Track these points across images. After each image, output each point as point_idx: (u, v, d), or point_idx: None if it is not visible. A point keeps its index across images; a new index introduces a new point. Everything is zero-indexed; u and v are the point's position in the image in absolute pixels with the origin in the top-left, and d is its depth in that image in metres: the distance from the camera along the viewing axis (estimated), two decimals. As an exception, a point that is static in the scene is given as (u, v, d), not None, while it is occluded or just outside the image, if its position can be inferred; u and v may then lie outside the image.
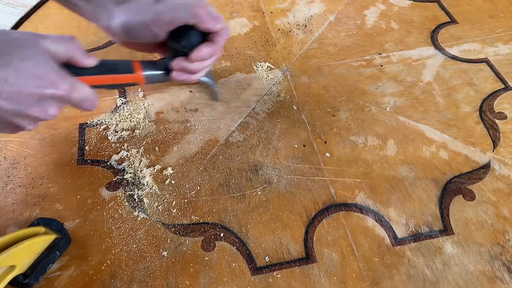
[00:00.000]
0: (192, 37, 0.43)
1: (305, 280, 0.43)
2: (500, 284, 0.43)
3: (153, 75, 0.45)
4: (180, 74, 0.46)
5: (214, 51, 0.44)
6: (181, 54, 0.44)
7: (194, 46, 0.43)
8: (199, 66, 0.45)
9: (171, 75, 0.46)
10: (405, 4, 0.74)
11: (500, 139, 0.54)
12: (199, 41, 0.44)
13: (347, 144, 0.54)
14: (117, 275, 0.44)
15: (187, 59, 0.44)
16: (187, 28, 0.42)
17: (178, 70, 0.45)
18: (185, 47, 0.43)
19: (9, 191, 0.50)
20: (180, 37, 0.42)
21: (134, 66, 0.44)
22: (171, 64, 0.45)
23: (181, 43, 0.43)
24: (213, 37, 0.44)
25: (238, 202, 0.49)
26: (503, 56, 0.64)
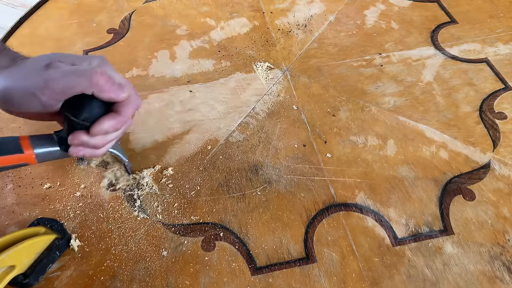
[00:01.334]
0: (92, 109, 0.36)
1: (305, 280, 0.43)
2: (500, 284, 0.43)
3: (47, 153, 0.39)
4: (79, 149, 0.38)
5: (120, 123, 0.38)
6: (80, 127, 0.37)
7: (95, 119, 0.37)
8: (102, 140, 0.38)
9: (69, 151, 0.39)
10: (405, 4, 0.74)
11: (500, 139, 0.54)
12: (101, 112, 0.37)
13: (347, 144, 0.54)
14: (117, 275, 0.44)
15: (87, 133, 0.37)
16: (86, 97, 0.35)
17: (77, 145, 0.38)
18: (85, 120, 0.36)
19: (9, 191, 0.50)
20: (78, 108, 0.36)
21: (22, 144, 0.37)
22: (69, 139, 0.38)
23: (79, 116, 0.36)
24: (118, 107, 0.37)
25: (238, 202, 0.49)
26: (503, 56, 0.64)
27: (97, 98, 0.36)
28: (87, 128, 0.37)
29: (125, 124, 0.39)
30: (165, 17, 0.73)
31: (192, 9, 0.75)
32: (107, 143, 0.40)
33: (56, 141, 0.39)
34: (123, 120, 0.38)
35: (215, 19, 0.72)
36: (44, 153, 0.39)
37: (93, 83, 0.34)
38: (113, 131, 0.38)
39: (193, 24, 0.72)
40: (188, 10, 0.74)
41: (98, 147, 0.39)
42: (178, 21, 0.72)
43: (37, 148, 0.38)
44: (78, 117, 0.36)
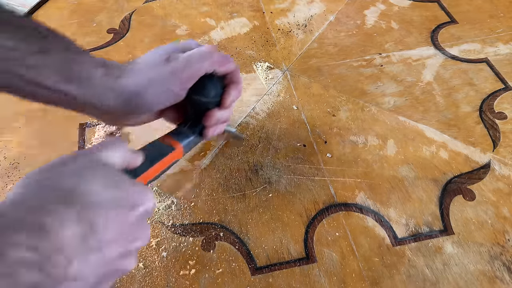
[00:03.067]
0: (217, 85, 0.39)
1: (305, 280, 0.43)
2: (500, 284, 0.43)
3: (189, 143, 0.40)
4: (214, 128, 0.40)
5: (240, 89, 0.41)
6: (211, 106, 0.39)
7: (220, 94, 0.39)
8: (230, 111, 0.41)
9: (202, 135, 0.40)
10: (405, 4, 0.74)
11: (500, 139, 0.54)
12: (222, 86, 0.40)
13: (347, 144, 0.54)
14: (117, 275, 0.44)
15: (220, 108, 0.39)
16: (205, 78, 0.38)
17: (212, 125, 0.40)
18: (215, 96, 0.39)
19: (9, 191, 0.50)
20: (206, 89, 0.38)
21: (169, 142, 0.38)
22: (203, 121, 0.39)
23: (209, 95, 0.38)
24: (233, 77, 0.40)
25: (238, 202, 0.49)
26: (503, 56, 0.64)
27: (214, 76, 0.38)
28: (217, 105, 0.40)
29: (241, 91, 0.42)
30: (165, 17, 0.73)
31: (192, 9, 0.75)
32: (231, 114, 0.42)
33: (189, 131, 0.40)
34: (240, 87, 0.41)
35: (215, 19, 0.72)
36: (187, 144, 0.40)
37: (214, 61, 0.37)
38: (237, 99, 0.41)
39: (193, 24, 0.72)
40: (188, 10, 0.74)
41: (227, 120, 0.42)
42: (178, 21, 0.72)
43: (181, 141, 0.39)
44: (209, 96, 0.38)
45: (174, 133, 0.40)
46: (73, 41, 0.35)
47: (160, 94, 0.36)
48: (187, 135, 0.40)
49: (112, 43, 0.68)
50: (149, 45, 0.68)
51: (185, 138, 0.40)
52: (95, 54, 0.67)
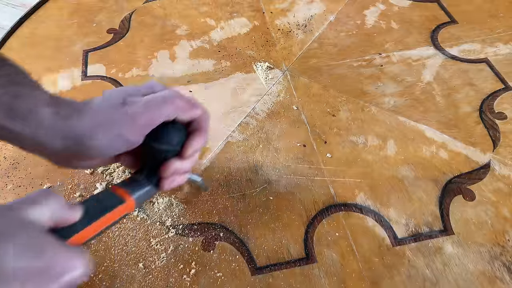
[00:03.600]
0: (180, 132, 0.36)
1: (305, 280, 0.43)
2: (500, 284, 0.43)
3: (142, 195, 0.36)
4: (171, 180, 0.37)
5: (205, 138, 0.37)
6: (170, 156, 0.36)
7: (182, 142, 0.36)
8: (191, 162, 0.37)
9: (159, 186, 0.37)
10: (405, 4, 0.74)
11: (500, 139, 0.54)
12: (185, 134, 0.37)
13: (347, 144, 0.54)
14: (117, 275, 0.44)
15: (179, 158, 0.36)
16: (167, 124, 0.35)
17: (170, 176, 0.36)
18: (177, 144, 0.36)
19: (9, 191, 0.50)
20: (169, 136, 0.35)
21: (120, 193, 0.35)
22: (160, 172, 0.36)
23: (171, 143, 0.35)
24: (199, 124, 0.37)
25: (238, 202, 0.49)
26: (503, 56, 0.64)
27: (176, 123, 0.35)
28: (177, 154, 0.36)
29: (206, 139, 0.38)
30: (165, 17, 0.73)
31: (192, 9, 0.75)
32: (193, 164, 0.39)
33: (144, 182, 0.36)
34: (206, 135, 0.37)
35: (215, 19, 0.72)
36: (140, 195, 0.36)
37: (177, 107, 0.34)
38: (200, 148, 0.37)
39: (193, 24, 0.72)
40: (188, 10, 0.74)
41: (187, 171, 0.38)
42: (178, 21, 0.72)
43: (134, 192, 0.35)
44: (168, 144, 0.35)
45: (127, 183, 0.36)
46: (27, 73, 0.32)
47: (111, 139, 0.32)
48: (141, 186, 0.36)
49: (112, 43, 0.68)
50: (149, 45, 0.68)
51: (139, 190, 0.36)
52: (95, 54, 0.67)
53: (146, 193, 0.36)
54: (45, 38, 0.70)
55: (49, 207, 0.28)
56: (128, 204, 0.35)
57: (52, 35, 0.70)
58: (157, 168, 0.36)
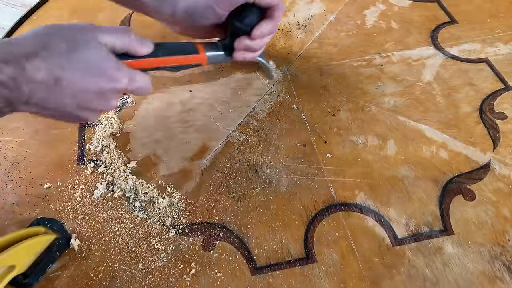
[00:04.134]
0: (254, 15, 0.44)
1: (305, 280, 0.43)
2: (500, 284, 0.43)
3: (215, 56, 0.47)
4: (242, 53, 0.47)
5: (274, 26, 0.45)
6: (242, 33, 0.45)
7: (255, 24, 0.44)
8: (260, 43, 0.46)
9: (232, 56, 0.47)
10: (405, 4, 0.74)
11: (500, 139, 0.54)
12: (259, 18, 0.44)
13: (347, 144, 0.54)
14: (117, 275, 0.44)
15: (249, 37, 0.45)
16: (246, 7, 0.43)
17: (240, 49, 0.46)
18: (248, 25, 0.44)
19: (9, 191, 0.50)
20: (242, 15, 0.44)
21: (198, 48, 0.46)
22: (234, 44, 0.46)
23: (243, 22, 0.44)
24: (271, 13, 0.44)
25: (238, 202, 0.49)
26: (503, 56, 0.64)
27: (255, 7, 0.43)
28: (249, 33, 0.44)
29: (276, 28, 0.46)
30: (165, 17, 0.73)
31: (192, 9, 0.74)
32: (263, 46, 0.47)
33: (221, 48, 0.46)
34: (275, 24, 0.45)
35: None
36: (214, 56, 0.46)
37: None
38: (269, 33, 0.45)
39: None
40: (188, 10, 0.74)
41: (256, 50, 0.46)
42: (178, 21, 0.72)
43: (208, 51, 0.46)
44: (243, 22, 0.43)
45: (208, 44, 0.46)
46: None
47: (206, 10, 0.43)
48: (217, 49, 0.46)
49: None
50: (149, 45, 0.68)
51: (214, 51, 0.46)
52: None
53: (219, 56, 0.47)
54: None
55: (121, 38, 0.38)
56: (200, 56, 0.45)
57: (52, 35, 0.70)
58: (233, 41, 0.46)
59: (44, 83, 0.33)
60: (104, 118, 0.57)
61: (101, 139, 0.55)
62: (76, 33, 0.36)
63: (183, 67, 0.46)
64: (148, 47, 0.41)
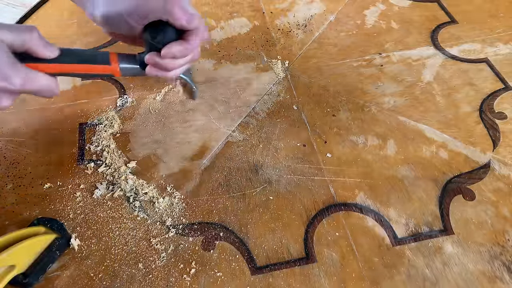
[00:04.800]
0: (166, 33, 0.42)
1: (305, 280, 0.43)
2: (500, 284, 0.43)
3: (129, 68, 0.45)
4: (153, 69, 0.45)
5: (187, 50, 0.44)
6: (156, 49, 0.43)
7: (167, 43, 0.43)
8: (171, 63, 0.44)
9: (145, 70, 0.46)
10: (405, 4, 0.74)
11: (500, 139, 0.54)
12: (173, 38, 0.43)
13: (347, 144, 0.54)
14: (117, 275, 0.44)
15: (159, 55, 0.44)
16: (163, 24, 0.42)
17: (151, 65, 0.45)
18: (159, 42, 0.43)
19: (9, 191, 0.50)
20: (155, 31, 0.42)
21: (111, 58, 0.44)
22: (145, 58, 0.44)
23: (154, 38, 0.42)
24: (187, 36, 0.43)
25: (238, 202, 0.49)
26: (503, 56, 0.64)
27: (172, 26, 0.42)
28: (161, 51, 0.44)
29: (191, 53, 0.45)
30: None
31: (192, 9, 0.75)
32: (176, 67, 0.46)
33: (138, 61, 0.45)
34: (189, 48, 0.44)
35: (215, 19, 0.72)
36: (127, 68, 0.45)
37: (167, 10, 0.40)
38: (180, 56, 0.44)
39: (193, 24, 0.72)
40: (188, 10, 0.74)
41: (168, 69, 0.45)
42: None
43: (122, 63, 0.45)
44: (153, 39, 0.42)
45: (123, 56, 0.45)
46: None
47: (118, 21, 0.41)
48: (132, 62, 0.45)
49: (112, 43, 0.68)
50: (149, 45, 0.68)
51: (128, 63, 0.45)
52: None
53: (132, 69, 0.45)
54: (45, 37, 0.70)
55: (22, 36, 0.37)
56: (111, 68, 0.44)
57: (52, 35, 0.70)
58: None
59: None
60: (104, 118, 0.57)
61: (101, 139, 0.55)
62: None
63: (93, 76, 0.45)
64: (52, 51, 0.40)
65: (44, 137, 0.56)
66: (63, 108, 0.59)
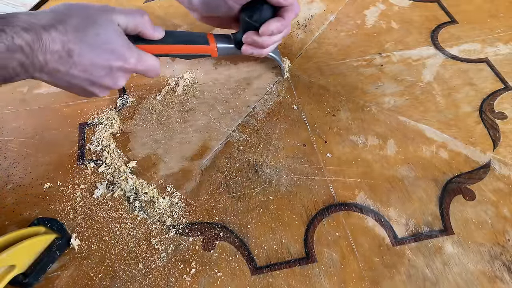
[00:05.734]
0: (263, 11, 0.44)
1: (305, 280, 0.43)
2: (500, 284, 0.43)
3: (225, 48, 0.48)
4: (250, 48, 0.47)
5: (283, 26, 0.45)
6: (252, 28, 0.45)
7: (264, 20, 0.44)
8: (268, 40, 0.46)
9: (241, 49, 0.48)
10: (405, 4, 0.74)
11: (500, 139, 0.54)
12: (270, 15, 0.45)
13: (347, 144, 0.54)
14: (117, 275, 0.44)
15: (257, 33, 0.45)
16: (259, 2, 0.43)
17: (248, 44, 0.47)
18: (256, 21, 0.44)
19: (9, 191, 0.50)
20: (252, 10, 0.44)
21: (209, 39, 0.47)
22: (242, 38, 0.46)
23: (252, 17, 0.44)
24: (283, 12, 0.45)
25: (238, 202, 0.49)
26: (503, 56, 0.64)
27: (268, 4, 0.43)
28: (258, 29, 0.45)
29: (286, 28, 0.46)
30: (165, 17, 0.73)
31: (192, 9, 0.75)
32: (272, 44, 0.47)
33: (233, 41, 0.48)
34: (285, 24, 0.45)
35: (215, 19, 0.72)
36: (224, 48, 0.48)
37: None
38: (277, 32, 0.46)
39: (194, 24, 0.72)
40: (188, 10, 0.74)
41: (264, 47, 0.47)
42: (178, 21, 0.72)
43: (219, 43, 0.47)
44: (251, 18, 0.44)
45: (220, 35, 0.48)
46: None
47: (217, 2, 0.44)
48: (228, 42, 0.48)
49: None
50: (149, 45, 0.68)
51: (224, 43, 0.48)
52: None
53: (229, 48, 0.48)
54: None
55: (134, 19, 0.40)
56: (210, 47, 0.47)
57: (52, 35, 0.70)
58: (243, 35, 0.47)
59: (57, 53, 0.36)
60: (104, 118, 0.57)
61: (101, 139, 0.55)
62: (91, 11, 0.39)
63: (193, 56, 0.48)
64: (160, 33, 0.44)
65: (44, 137, 0.56)
66: (63, 108, 0.59)
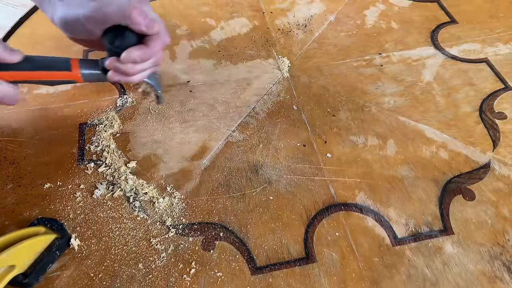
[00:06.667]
0: (125, 38, 0.41)
1: (305, 280, 0.43)
2: (500, 284, 0.43)
3: (91, 74, 0.45)
4: (115, 75, 0.44)
5: (147, 55, 0.42)
6: (115, 54, 0.42)
7: (126, 47, 0.41)
8: (132, 69, 0.43)
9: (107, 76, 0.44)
10: (405, 4, 0.74)
11: (500, 139, 0.54)
12: (134, 42, 0.42)
13: (347, 144, 0.54)
14: (117, 275, 0.44)
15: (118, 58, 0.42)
16: (122, 28, 0.41)
17: (112, 70, 0.43)
18: (118, 47, 0.41)
19: (9, 191, 0.50)
20: (114, 36, 0.41)
21: (72, 64, 0.44)
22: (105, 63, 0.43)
23: (113, 43, 0.41)
24: (147, 41, 0.42)
25: (238, 202, 0.49)
26: (503, 56, 0.64)
27: (131, 30, 0.41)
28: None
29: (152, 57, 0.44)
30: (165, 17, 0.73)
31: (192, 9, 0.75)
32: (138, 72, 0.44)
33: (100, 66, 0.44)
34: (149, 52, 0.42)
35: (215, 19, 0.72)
36: (89, 74, 0.44)
37: (126, 15, 0.39)
38: (140, 61, 0.43)
39: (193, 24, 0.72)
40: (188, 10, 0.75)
41: (128, 74, 0.44)
42: (178, 21, 0.72)
43: (84, 69, 0.44)
44: (112, 44, 0.41)
45: (85, 61, 0.44)
46: None
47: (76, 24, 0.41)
48: (94, 67, 0.44)
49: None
50: (149, 45, 0.68)
51: (90, 69, 0.44)
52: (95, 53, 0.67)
53: (94, 74, 0.44)
54: (45, 38, 0.70)
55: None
56: (72, 74, 0.44)
57: (52, 35, 0.70)
58: None
59: None
60: (104, 118, 0.57)
61: (101, 139, 0.55)
62: None
63: (56, 82, 0.44)
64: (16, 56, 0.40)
65: (44, 137, 0.56)
66: (63, 108, 0.59)
